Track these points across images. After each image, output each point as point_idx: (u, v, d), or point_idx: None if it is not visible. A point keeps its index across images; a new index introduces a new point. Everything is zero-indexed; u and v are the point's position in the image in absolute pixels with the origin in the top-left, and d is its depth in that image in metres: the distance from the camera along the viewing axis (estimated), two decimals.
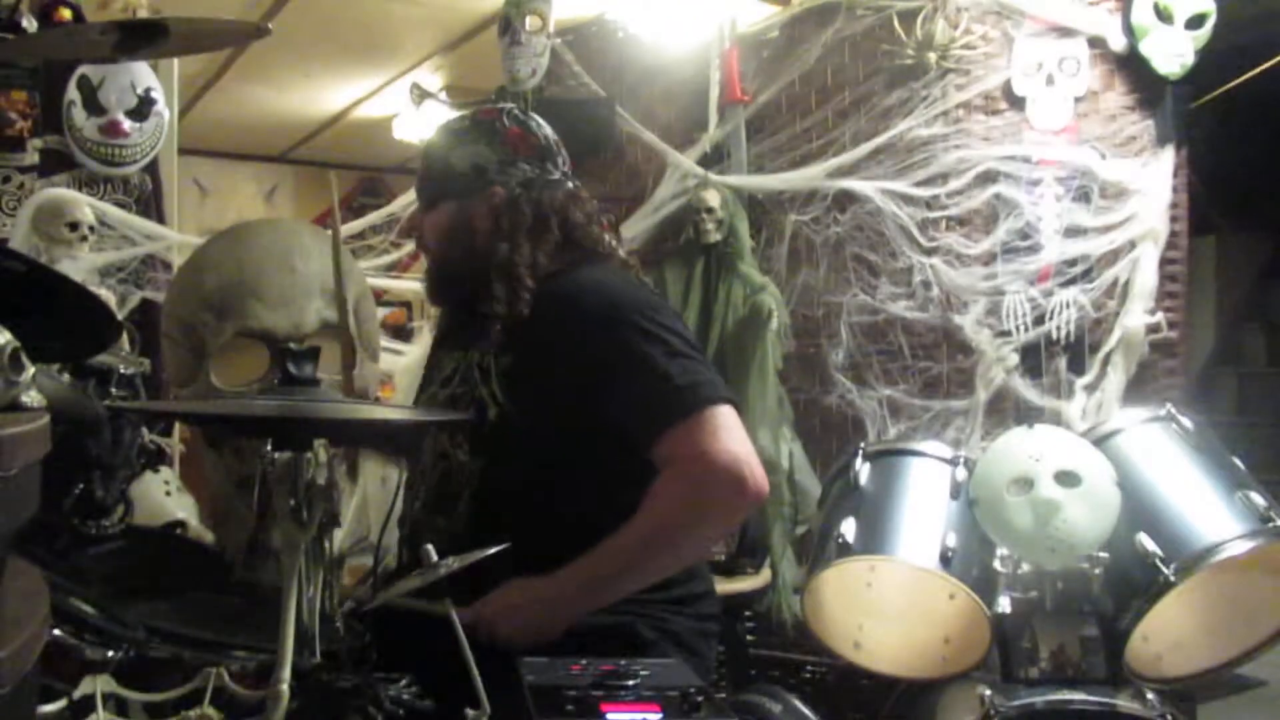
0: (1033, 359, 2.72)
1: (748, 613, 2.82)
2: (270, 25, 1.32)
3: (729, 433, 1.50)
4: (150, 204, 3.24)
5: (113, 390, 1.68)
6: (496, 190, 1.63)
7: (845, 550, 2.00)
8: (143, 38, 1.24)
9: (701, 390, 1.50)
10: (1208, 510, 1.93)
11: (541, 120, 1.72)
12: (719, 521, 1.60)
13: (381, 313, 2.38)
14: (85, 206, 3.00)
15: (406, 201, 3.40)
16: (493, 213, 1.62)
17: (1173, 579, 1.83)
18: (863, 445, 2.26)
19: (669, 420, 1.49)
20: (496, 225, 1.62)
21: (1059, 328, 2.69)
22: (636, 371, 1.51)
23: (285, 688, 1.02)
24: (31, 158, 3.11)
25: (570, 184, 1.69)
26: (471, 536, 1.48)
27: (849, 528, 2.03)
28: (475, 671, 1.11)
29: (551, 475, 1.54)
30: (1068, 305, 2.69)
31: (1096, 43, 2.73)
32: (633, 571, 1.51)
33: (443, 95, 4.55)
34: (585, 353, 1.53)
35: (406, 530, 1.67)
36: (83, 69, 3.10)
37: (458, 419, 1.57)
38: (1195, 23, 2.63)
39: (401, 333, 3.86)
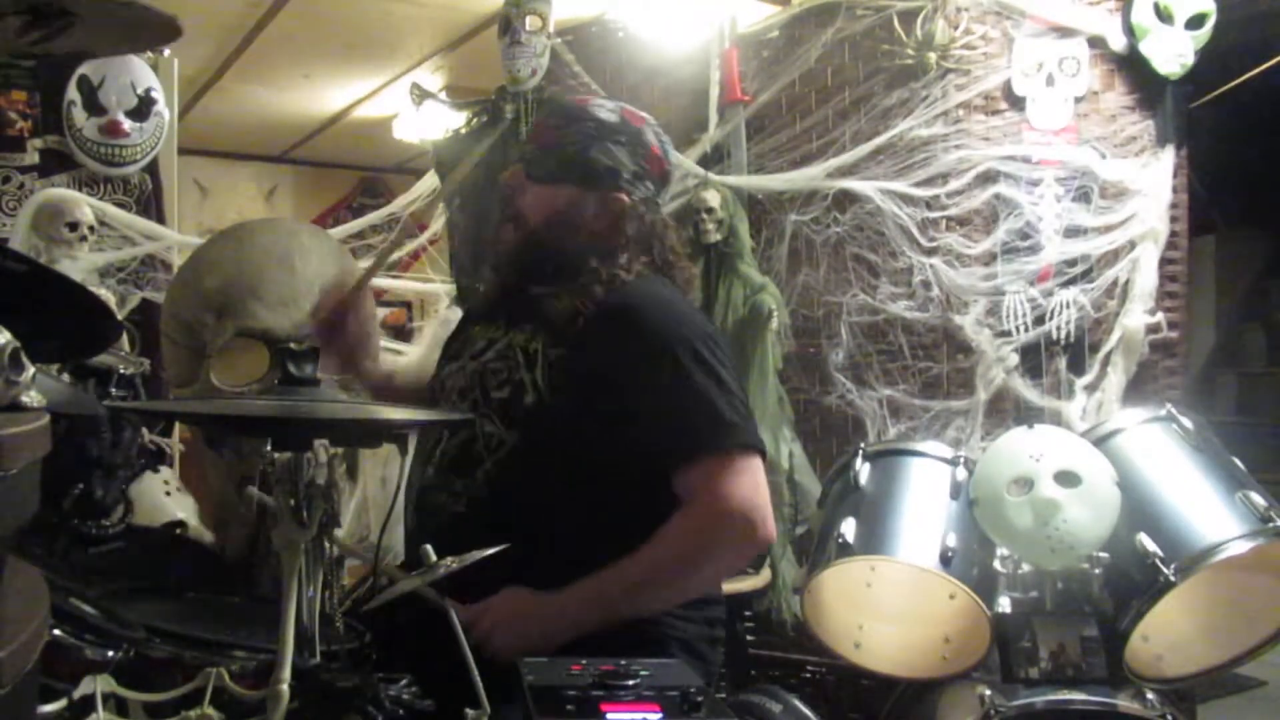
0: (1033, 359, 2.72)
1: (748, 613, 2.82)
2: (182, 24, 1.30)
3: (753, 481, 1.53)
4: (150, 204, 3.24)
5: (113, 390, 1.68)
6: (620, 197, 1.63)
7: (845, 550, 2.00)
8: (50, 22, 1.21)
9: (741, 433, 1.53)
10: (1208, 510, 1.93)
11: (671, 146, 1.74)
12: (724, 563, 1.60)
13: (381, 313, 2.38)
14: (85, 206, 3.00)
15: (407, 201, 3.40)
16: (609, 216, 1.63)
17: (1173, 579, 1.83)
18: (863, 445, 2.26)
19: (703, 450, 1.52)
20: (606, 229, 1.63)
21: (1059, 328, 2.69)
22: (684, 393, 1.52)
23: (285, 688, 1.02)
24: (31, 158, 3.11)
25: (662, 207, 1.73)
26: (490, 502, 1.53)
27: (849, 528, 2.02)
28: (475, 671, 1.11)
29: (576, 471, 1.54)
30: (1068, 305, 2.69)
31: (1096, 43, 2.73)
32: (634, 600, 1.52)
33: (443, 95, 4.55)
34: (638, 363, 1.54)
35: (415, 495, 1.67)
36: (83, 69, 3.10)
37: (460, 419, 1.57)
38: (1195, 23, 2.63)
39: (401, 333, 3.87)
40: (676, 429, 1.52)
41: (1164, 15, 2.63)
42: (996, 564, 2.01)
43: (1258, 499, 1.91)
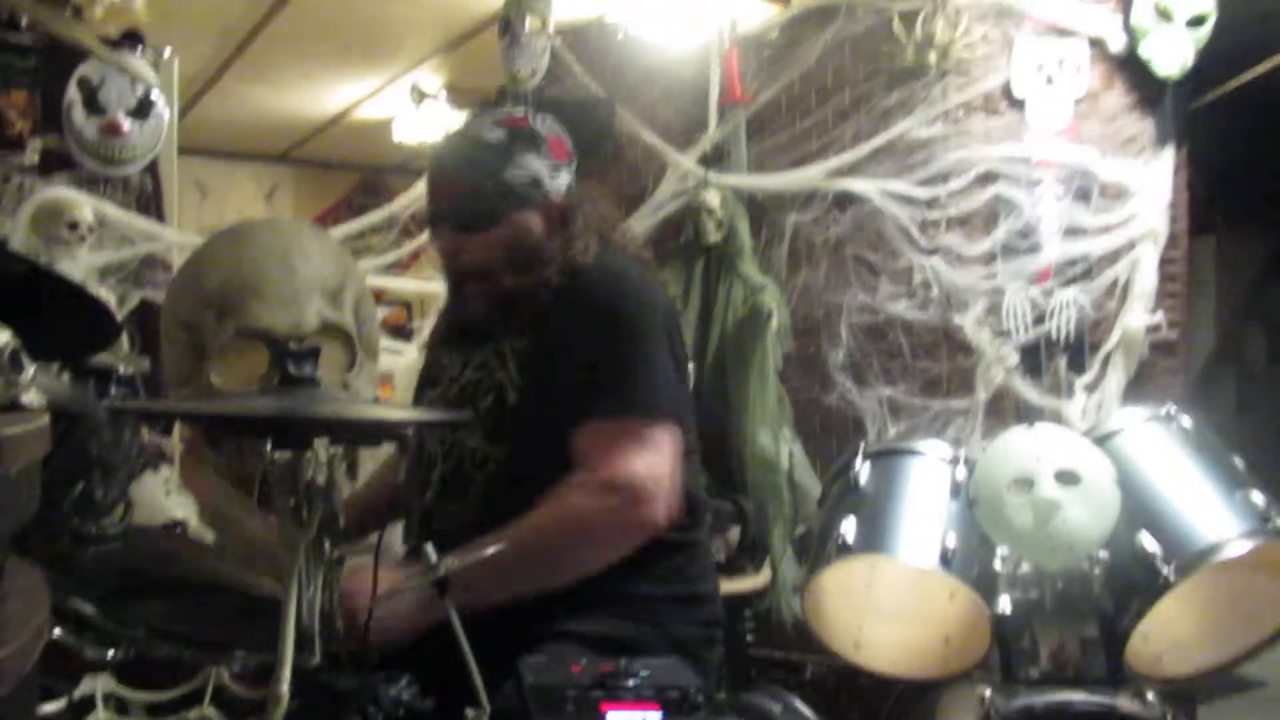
0: (1033, 359, 2.72)
1: (748, 613, 2.82)
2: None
3: (652, 452, 1.48)
4: (150, 204, 3.24)
5: (113, 390, 1.68)
6: (552, 201, 1.63)
7: (845, 550, 2.00)
8: None
9: (649, 402, 1.50)
10: (1208, 510, 1.93)
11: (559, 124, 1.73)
12: (603, 539, 1.50)
13: (381, 313, 2.38)
14: (85, 206, 3.00)
15: (407, 201, 3.40)
16: (547, 218, 1.62)
17: (1173, 579, 1.83)
18: (863, 445, 2.26)
19: (596, 414, 1.49)
20: (551, 230, 1.62)
21: (1059, 328, 2.69)
22: (600, 357, 1.51)
23: (285, 688, 1.02)
24: (31, 158, 3.11)
25: (582, 182, 1.71)
26: (483, 522, 1.50)
27: (849, 528, 2.02)
28: (475, 671, 1.11)
29: (564, 460, 1.53)
30: (1068, 305, 2.69)
31: (1096, 43, 2.73)
32: (509, 576, 1.43)
33: (442, 95, 4.56)
34: (577, 333, 1.54)
35: (416, 520, 1.67)
36: (83, 69, 3.10)
37: (459, 419, 1.57)
38: (1195, 23, 2.63)
39: (401, 333, 3.86)
40: (580, 391, 1.50)
41: (1164, 15, 2.63)
42: (996, 564, 2.01)
43: (1257, 499, 1.91)
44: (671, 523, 1.52)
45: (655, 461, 1.48)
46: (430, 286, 3.39)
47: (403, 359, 3.05)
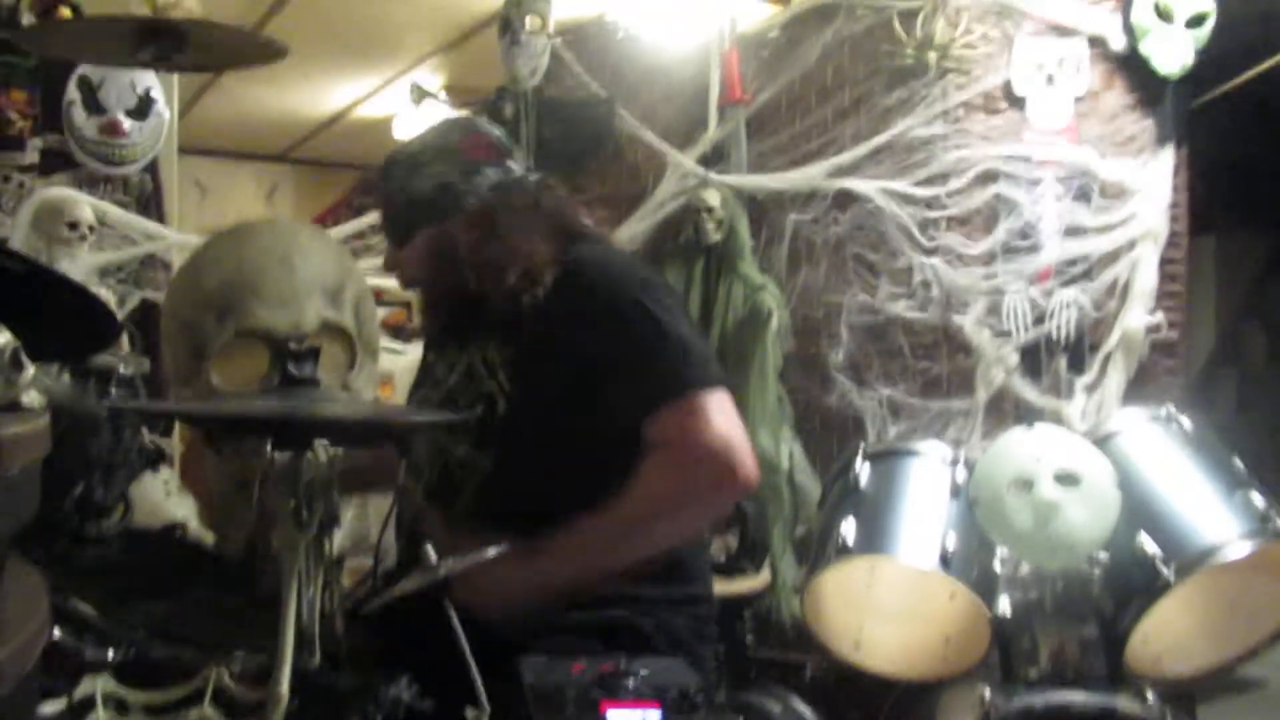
0: (1033, 359, 2.72)
1: (748, 613, 2.82)
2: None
3: (722, 416, 1.49)
4: (150, 204, 3.24)
5: (113, 390, 1.68)
6: (468, 201, 1.61)
7: (845, 551, 2.00)
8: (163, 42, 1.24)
9: (698, 372, 1.50)
10: (1208, 510, 1.93)
11: (490, 123, 1.73)
12: (705, 507, 1.58)
13: (381, 313, 2.38)
14: (85, 206, 3.00)
15: None
16: (471, 223, 1.60)
17: (1172, 579, 1.83)
18: (863, 445, 2.26)
19: (658, 402, 1.49)
20: (480, 233, 1.60)
21: (1059, 328, 2.69)
22: (630, 351, 1.51)
23: (285, 688, 1.02)
24: (31, 158, 3.11)
25: (535, 175, 1.69)
26: (471, 529, 1.50)
27: (849, 528, 2.02)
28: (475, 671, 1.11)
29: (560, 467, 1.53)
30: (1068, 305, 2.69)
31: (1096, 43, 2.73)
32: (613, 550, 1.49)
33: (442, 95, 4.55)
34: (584, 333, 1.53)
35: (405, 529, 1.67)
36: (83, 69, 3.10)
37: (459, 419, 1.57)
38: (1195, 23, 2.63)
39: (401, 333, 3.86)
40: (628, 390, 1.50)
41: (1164, 15, 2.63)
42: (996, 564, 2.01)
43: (1257, 499, 1.91)
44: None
45: (729, 424, 1.49)
46: None
47: (403, 359, 3.05)
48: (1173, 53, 2.63)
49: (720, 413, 1.50)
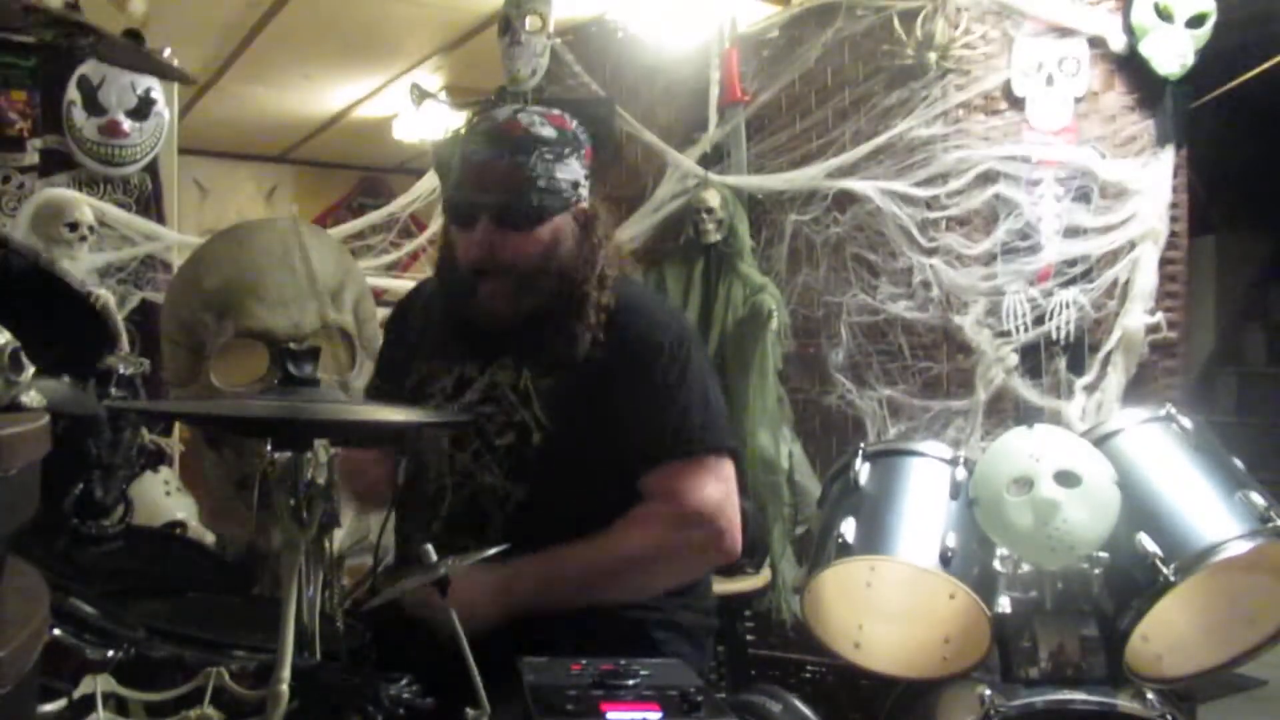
0: (1033, 359, 2.72)
1: (748, 613, 2.82)
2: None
3: (718, 484, 1.52)
4: (150, 204, 3.24)
5: (113, 390, 1.68)
6: (583, 208, 1.60)
7: (845, 550, 1.99)
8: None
9: (711, 436, 1.52)
10: (1208, 510, 1.93)
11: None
12: (680, 567, 1.58)
13: (381, 313, 2.38)
14: (85, 206, 3.00)
15: (406, 201, 3.40)
16: (582, 231, 1.60)
17: (1173, 579, 1.83)
18: (863, 445, 2.25)
19: (661, 456, 1.51)
20: (581, 239, 1.59)
21: (1059, 328, 2.69)
22: (649, 400, 1.52)
23: (285, 688, 1.02)
24: (31, 158, 3.11)
25: None
26: (504, 560, 1.48)
27: (849, 528, 2.02)
28: (475, 671, 1.11)
29: (598, 502, 1.53)
30: (1068, 305, 2.69)
31: (1096, 43, 2.73)
32: (583, 589, 1.50)
33: (443, 95, 4.55)
34: (624, 373, 1.53)
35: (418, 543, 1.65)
36: (83, 69, 3.10)
37: (459, 420, 1.57)
38: (1195, 23, 2.63)
39: None
40: (647, 434, 1.52)
41: (1164, 15, 2.63)
42: (996, 564, 2.00)
43: (1257, 499, 1.90)
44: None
45: (725, 492, 1.53)
46: None
47: None
48: (1173, 53, 2.63)
49: (718, 480, 1.52)
